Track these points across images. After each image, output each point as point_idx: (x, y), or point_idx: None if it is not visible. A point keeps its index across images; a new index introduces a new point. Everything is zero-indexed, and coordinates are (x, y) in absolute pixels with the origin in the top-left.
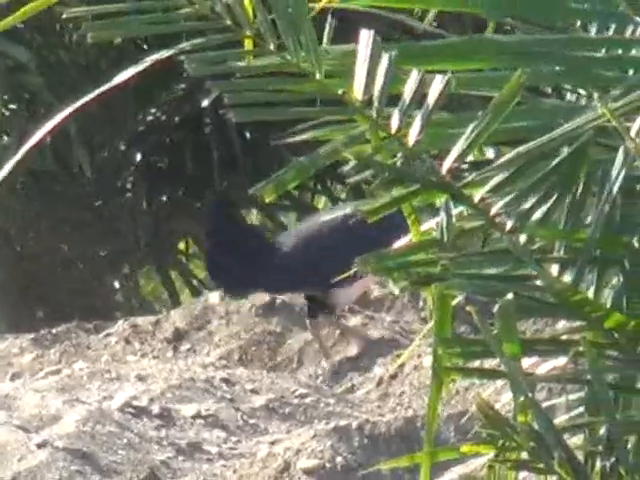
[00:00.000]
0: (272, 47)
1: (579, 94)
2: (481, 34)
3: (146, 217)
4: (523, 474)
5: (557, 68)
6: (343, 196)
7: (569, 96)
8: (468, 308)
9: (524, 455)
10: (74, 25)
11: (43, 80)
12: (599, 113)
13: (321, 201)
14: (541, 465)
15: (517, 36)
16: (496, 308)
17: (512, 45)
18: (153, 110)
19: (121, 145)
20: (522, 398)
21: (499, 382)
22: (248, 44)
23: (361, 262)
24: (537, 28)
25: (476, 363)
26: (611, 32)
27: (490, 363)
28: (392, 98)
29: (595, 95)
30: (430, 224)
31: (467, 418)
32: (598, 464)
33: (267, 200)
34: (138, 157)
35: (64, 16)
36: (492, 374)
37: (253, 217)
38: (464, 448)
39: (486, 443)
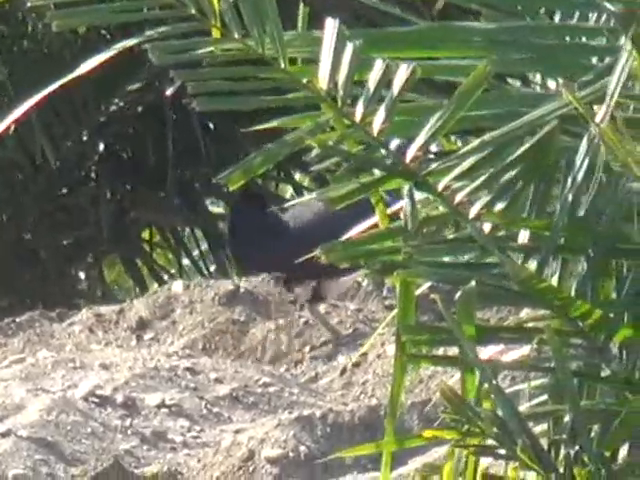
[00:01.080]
0: (237, 35)
1: (545, 82)
2: (446, 21)
3: (109, 206)
4: (487, 461)
5: (524, 56)
6: (307, 184)
7: (536, 84)
8: (432, 295)
9: (488, 442)
10: (38, 14)
11: (6, 70)
12: (565, 101)
13: (286, 190)
14: (504, 451)
15: (483, 24)
16: (458, 295)
17: (479, 32)
18: (116, 100)
19: (84, 135)
20: (485, 384)
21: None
22: (215, 32)
23: (326, 249)
24: (502, 14)
25: (440, 350)
26: (575, 20)
27: (454, 351)
28: (359, 86)
29: (561, 83)
30: (396, 208)
31: (431, 406)
32: (562, 452)
33: (232, 188)
34: (101, 147)
35: (28, 4)
36: (455, 361)
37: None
38: (426, 433)
39: (449, 429)
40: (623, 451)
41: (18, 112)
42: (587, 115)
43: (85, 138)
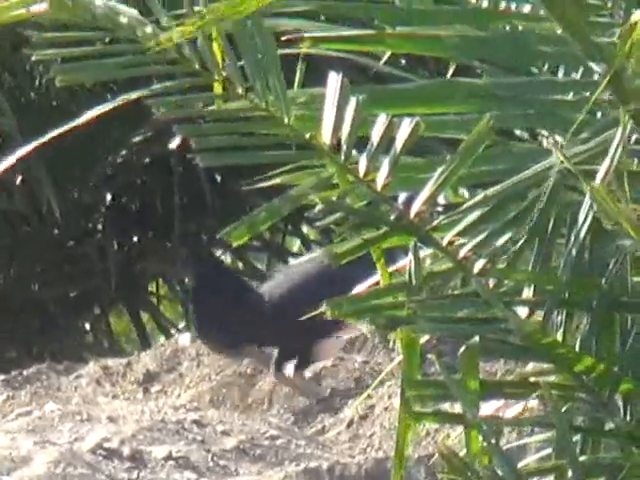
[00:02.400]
0: (240, 91)
1: (550, 137)
2: (449, 77)
3: (116, 258)
4: None
5: (526, 111)
6: (313, 237)
7: (543, 137)
8: (430, 355)
9: None
10: (44, 67)
11: (14, 122)
12: (567, 156)
13: (294, 243)
14: None
15: (486, 80)
16: (461, 350)
17: (481, 88)
18: (123, 151)
19: (91, 186)
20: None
21: None
22: (217, 88)
23: (332, 305)
24: (504, 70)
25: (447, 404)
26: (579, 74)
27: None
28: (362, 141)
29: (558, 138)
30: (400, 265)
31: (437, 459)
32: None
33: (236, 243)
34: (108, 198)
35: (33, 58)
36: (458, 418)
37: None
38: None
39: None
40: None
41: (18, 155)
42: (579, 173)
43: (92, 189)
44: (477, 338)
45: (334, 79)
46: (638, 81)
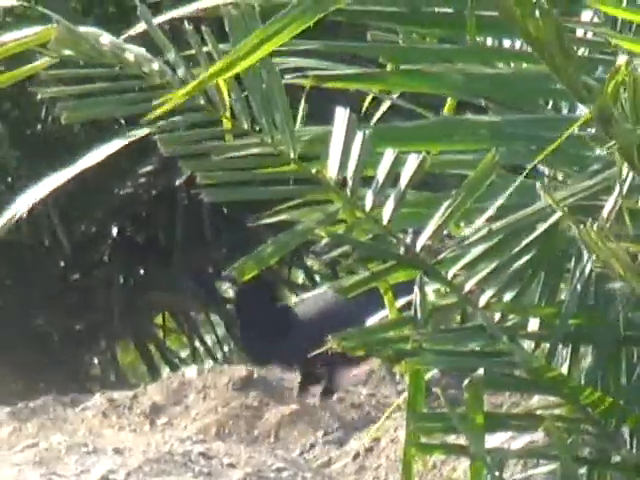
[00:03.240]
0: (246, 126)
1: (551, 174)
2: (453, 116)
3: (122, 290)
4: None
5: (531, 148)
6: (317, 269)
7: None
8: (435, 390)
9: None
10: (50, 101)
11: (20, 154)
12: (572, 191)
13: (298, 276)
14: None
15: (489, 117)
16: (465, 383)
17: (485, 126)
18: (129, 183)
19: (97, 218)
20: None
21: None
22: (226, 123)
23: (339, 338)
24: (508, 107)
25: (453, 436)
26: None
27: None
28: (367, 179)
29: (558, 175)
30: (407, 299)
31: None
32: None
33: (244, 279)
34: (114, 230)
35: (39, 97)
36: (463, 450)
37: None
38: None
39: None
40: None
41: (33, 198)
42: (567, 216)
43: (98, 221)
44: (482, 371)
45: (341, 114)
46: (626, 124)
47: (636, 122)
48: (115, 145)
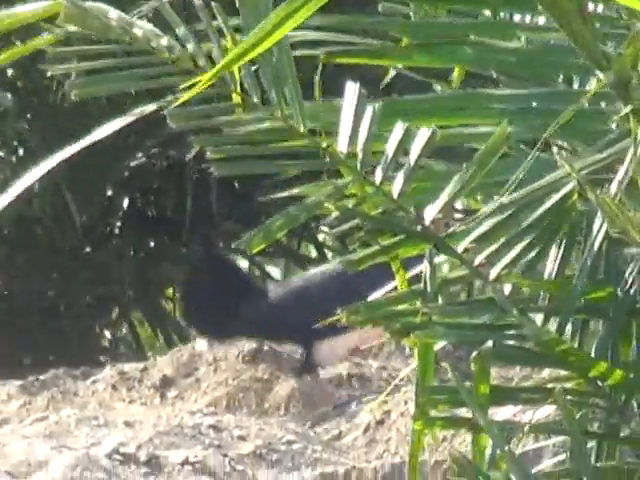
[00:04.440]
0: (256, 101)
1: (563, 147)
2: (466, 89)
3: (133, 263)
4: None
5: (543, 122)
6: (330, 243)
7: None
8: (444, 364)
9: None
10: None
11: (30, 125)
12: (583, 164)
13: (311, 249)
14: None
15: (502, 90)
16: (473, 356)
17: (497, 99)
18: (139, 155)
19: (108, 191)
20: (498, 449)
21: None
22: (235, 98)
23: (349, 312)
24: (520, 81)
25: (463, 410)
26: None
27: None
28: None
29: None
30: (417, 271)
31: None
32: None
33: (253, 252)
34: (125, 203)
35: (49, 74)
36: (466, 423)
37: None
38: None
39: None
40: None
41: (43, 170)
42: (586, 183)
43: (109, 194)
44: (490, 344)
45: (351, 90)
46: None
47: None
48: (125, 120)
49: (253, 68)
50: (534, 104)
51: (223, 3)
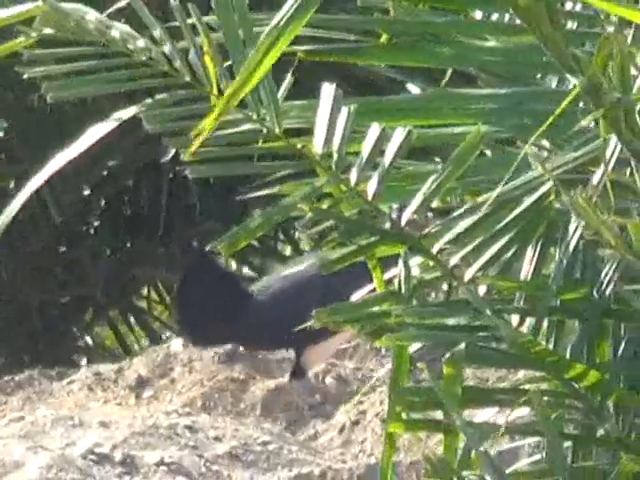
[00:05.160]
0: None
1: (538, 146)
2: (443, 88)
3: (108, 263)
4: None
5: (520, 121)
6: (305, 245)
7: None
8: (420, 365)
9: None
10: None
11: (9, 124)
12: (560, 163)
13: (286, 248)
14: None
15: (479, 90)
16: (445, 357)
17: (474, 99)
18: (116, 155)
19: (85, 189)
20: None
21: None
22: (213, 100)
23: (319, 315)
24: (498, 80)
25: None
26: (571, 85)
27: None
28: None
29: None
30: (393, 273)
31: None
32: None
33: (225, 254)
34: (102, 202)
35: (25, 76)
36: (439, 425)
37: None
38: None
39: None
40: None
41: (37, 181)
42: (559, 185)
43: (86, 193)
44: (463, 345)
45: (327, 90)
46: (614, 94)
47: (624, 93)
48: (106, 127)
49: (226, 64)
50: (510, 104)
51: (200, 2)
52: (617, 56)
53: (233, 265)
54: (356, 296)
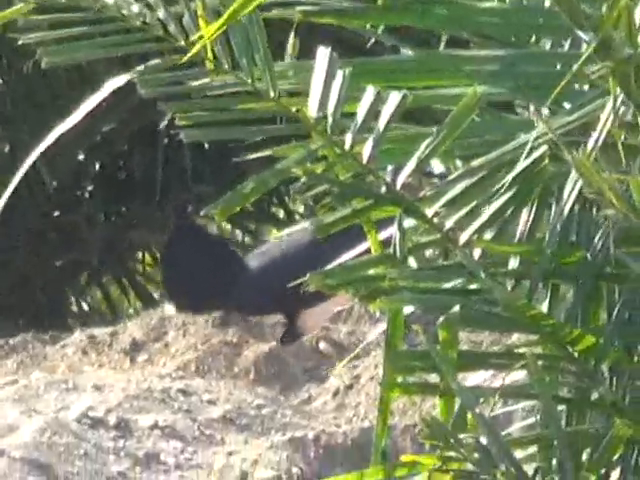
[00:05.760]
0: (227, 66)
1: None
2: (439, 50)
3: (103, 227)
4: None
5: (514, 84)
6: (299, 208)
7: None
8: (415, 327)
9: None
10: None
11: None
12: (555, 126)
13: (279, 212)
14: (485, 477)
15: (473, 52)
16: (440, 321)
17: (468, 61)
18: (111, 120)
19: (79, 154)
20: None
21: None
22: (208, 64)
23: (312, 279)
24: (493, 42)
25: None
26: (567, 47)
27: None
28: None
29: (545, 110)
30: (387, 234)
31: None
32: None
33: (219, 219)
34: (96, 167)
35: (20, 42)
36: (433, 389)
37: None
38: (405, 459)
39: (428, 454)
40: (615, 475)
41: (35, 153)
42: (561, 143)
43: (80, 157)
44: (457, 308)
45: (323, 53)
46: (626, 50)
47: (633, 50)
48: (101, 95)
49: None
50: (506, 66)
51: None
52: (624, 13)
53: (228, 229)
54: (347, 258)
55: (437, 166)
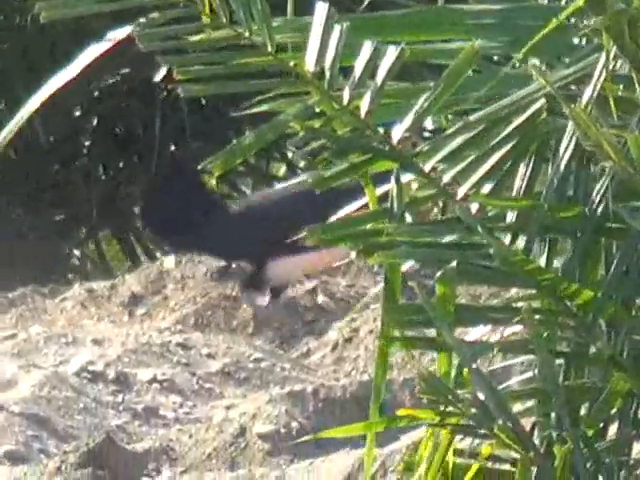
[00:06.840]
0: (224, 20)
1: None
2: (436, 5)
3: (101, 183)
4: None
5: (512, 37)
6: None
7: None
8: (411, 283)
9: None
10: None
11: None
12: (552, 80)
13: (280, 168)
14: (482, 431)
15: (471, 6)
16: (437, 275)
17: (467, 15)
18: (108, 75)
19: (76, 110)
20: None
21: None
22: (205, 18)
23: (310, 232)
24: None
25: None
26: (564, 1)
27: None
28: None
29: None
30: (384, 189)
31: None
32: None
33: (217, 172)
34: (94, 122)
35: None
36: (430, 343)
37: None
38: (402, 413)
39: (426, 409)
40: (612, 429)
41: (25, 112)
42: (561, 97)
43: (77, 114)
44: (455, 263)
45: (321, 8)
46: (619, 4)
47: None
48: (100, 48)
49: None
50: (503, 20)
51: None
52: None
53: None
54: (343, 212)
55: (429, 122)
